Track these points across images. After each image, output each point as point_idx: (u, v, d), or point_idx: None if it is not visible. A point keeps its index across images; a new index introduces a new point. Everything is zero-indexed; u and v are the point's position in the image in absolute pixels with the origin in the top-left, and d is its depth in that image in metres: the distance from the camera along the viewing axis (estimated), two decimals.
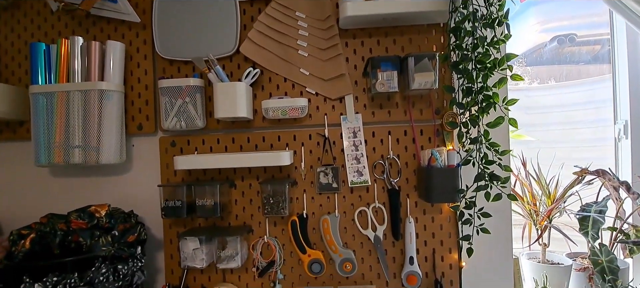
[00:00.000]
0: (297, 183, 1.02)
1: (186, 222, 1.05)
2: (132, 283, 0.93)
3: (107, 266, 0.85)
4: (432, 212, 1.00)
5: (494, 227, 0.93)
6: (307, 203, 1.02)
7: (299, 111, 0.97)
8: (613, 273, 1.13)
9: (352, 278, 1.03)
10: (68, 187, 1.09)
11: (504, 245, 1.01)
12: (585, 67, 2.32)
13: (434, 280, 1.00)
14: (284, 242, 1.03)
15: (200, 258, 0.96)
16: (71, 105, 0.98)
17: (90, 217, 0.87)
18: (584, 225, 1.20)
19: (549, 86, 2.30)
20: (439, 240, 1.00)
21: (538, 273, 1.20)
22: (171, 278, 1.06)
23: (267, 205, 0.95)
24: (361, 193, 1.01)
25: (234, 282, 1.05)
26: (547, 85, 2.32)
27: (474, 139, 0.87)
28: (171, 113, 0.98)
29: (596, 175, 1.26)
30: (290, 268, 1.04)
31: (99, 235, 0.85)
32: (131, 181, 1.08)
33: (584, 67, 2.31)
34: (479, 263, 1.01)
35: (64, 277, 0.80)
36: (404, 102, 0.99)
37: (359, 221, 1.01)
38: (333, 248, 1.00)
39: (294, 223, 1.00)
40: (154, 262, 1.09)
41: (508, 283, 1.02)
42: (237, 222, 1.05)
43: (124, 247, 0.88)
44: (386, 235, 1.01)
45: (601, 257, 1.16)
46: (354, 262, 1.00)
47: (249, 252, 1.03)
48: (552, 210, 1.22)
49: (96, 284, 0.83)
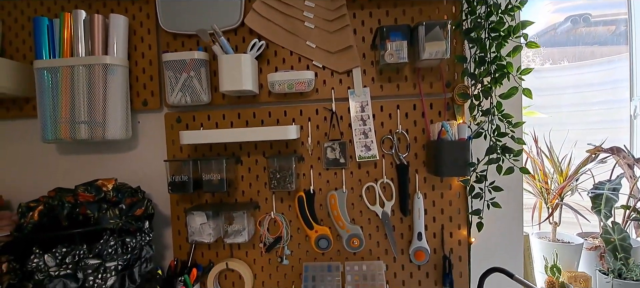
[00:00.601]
0: (304, 159, 1.01)
1: (193, 198, 1.05)
2: (140, 257, 0.93)
3: (115, 239, 0.85)
4: (441, 187, 0.98)
5: (505, 203, 0.92)
6: (314, 179, 1.01)
7: (306, 85, 0.95)
8: (625, 252, 1.11)
9: (360, 254, 1.02)
10: (75, 164, 1.09)
11: (514, 221, 0.99)
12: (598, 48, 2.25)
13: (443, 256, 0.99)
14: (290, 218, 1.03)
15: (207, 233, 0.96)
16: (76, 80, 0.97)
17: (98, 191, 0.87)
18: (596, 204, 1.18)
19: (561, 67, 2.24)
20: (448, 216, 0.99)
21: (548, 251, 1.18)
22: (179, 254, 1.07)
23: (273, 180, 0.94)
24: (369, 169, 1.00)
25: (241, 258, 1.05)
26: (560, 65, 2.25)
27: (486, 111, 0.84)
28: (176, 88, 0.97)
29: (610, 153, 1.23)
30: (297, 244, 1.04)
31: (107, 208, 0.85)
32: (137, 157, 1.08)
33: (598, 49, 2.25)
34: (488, 239, 0.99)
35: (73, 249, 0.81)
36: (413, 75, 0.97)
37: (367, 197, 0.99)
38: (340, 224, 0.99)
39: (301, 199, 0.99)
40: (162, 238, 1.10)
41: (518, 260, 1.01)
42: (244, 198, 1.04)
43: (131, 221, 0.88)
44: (394, 211, 1.00)
45: (613, 235, 1.13)
46: (361, 238, 0.99)
47: (256, 227, 1.03)
48: (565, 187, 1.19)
49: (105, 256, 0.84)
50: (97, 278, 0.83)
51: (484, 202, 0.87)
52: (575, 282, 1.14)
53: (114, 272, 0.85)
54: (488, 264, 0.91)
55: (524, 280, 0.73)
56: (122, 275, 0.88)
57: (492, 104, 0.84)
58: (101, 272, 0.83)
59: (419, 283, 1.01)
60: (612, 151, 1.22)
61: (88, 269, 0.82)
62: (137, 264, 0.92)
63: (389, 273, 1.02)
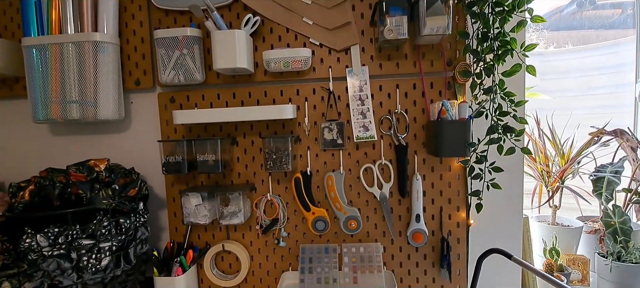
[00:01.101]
0: (300, 140, 0.99)
1: (188, 180, 1.03)
2: (135, 238, 0.92)
3: (109, 219, 0.84)
4: (440, 169, 0.97)
5: (505, 185, 0.90)
6: (311, 160, 0.99)
7: (302, 63, 0.92)
8: (625, 235, 1.10)
9: (357, 236, 1.01)
10: (68, 145, 1.08)
11: (514, 203, 0.98)
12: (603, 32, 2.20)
13: (441, 238, 0.98)
14: (287, 200, 1.02)
15: (202, 214, 0.95)
16: (65, 58, 0.95)
17: (90, 171, 0.85)
18: (597, 187, 1.16)
19: (566, 50, 2.19)
20: (446, 198, 0.97)
21: (547, 235, 1.17)
22: (175, 236, 1.06)
23: (269, 160, 0.92)
24: (367, 150, 0.98)
25: (237, 240, 1.05)
26: (564, 49, 2.21)
27: (488, 89, 0.82)
28: (168, 66, 0.94)
29: (614, 136, 1.21)
30: (294, 226, 1.02)
31: (99, 189, 0.83)
32: (131, 138, 1.06)
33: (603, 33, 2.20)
34: (487, 221, 0.98)
35: (65, 229, 0.80)
36: (413, 52, 0.93)
37: (365, 178, 0.98)
38: (338, 206, 0.98)
39: (298, 180, 0.98)
40: (158, 221, 1.09)
41: (517, 242, 1.00)
42: (240, 180, 1.03)
43: (124, 201, 0.87)
44: (392, 193, 0.98)
45: (614, 219, 1.12)
46: (359, 220, 0.98)
47: (253, 209, 1.02)
48: (566, 170, 1.17)
49: (98, 236, 0.83)
50: (91, 258, 0.82)
51: (483, 183, 0.85)
52: (573, 265, 1.14)
53: (108, 252, 0.84)
54: (486, 246, 0.90)
55: (522, 261, 0.72)
56: (117, 256, 0.87)
57: (494, 82, 0.81)
58: (95, 252, 0.83)
59: (417, 265, 1.00)
60: (616, 133, 1.20)
61: (82, 249, 0.81)
62: (132, 245, 0.91)
63: (387, 255, 1.01)
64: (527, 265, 0.71)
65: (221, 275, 1.05)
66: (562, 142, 1.23)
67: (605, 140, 1.23)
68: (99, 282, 0.85)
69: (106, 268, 0.85)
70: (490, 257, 0.85)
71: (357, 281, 0.94)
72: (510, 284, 1.01)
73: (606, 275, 1.09)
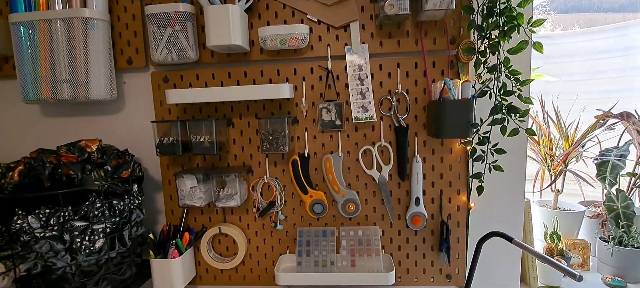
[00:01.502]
0: (298, 121, 0.96)
1: (184, 162, 1.01)
2: (130, 220, 0.91)
3: (102, 201, 0.82)
4: (441, 151, 0.94)
5: (507, 168, 0.87)
6: (308, 142, 0.97)
7: (300, 40, 0.88)
8: (628, 219, 1.08)
9: (355, 219, 1.00)
10: (60, 126, 1.05)
11: (516, 187, 0.96)
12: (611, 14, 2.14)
13: (440, 221, 0.96)
14: (284, 182, 1.00)
15: (198, 196, 0.93)
16: (54, 36, 0.91)
17: (81, 151, 0.83)
18: (601, 171, 1.14)
19: (573, 33, 2.13)
20: (447, 181, 0.95)
21: (548, 219, 1.15)
22: (172, 219, 1.05)
23: (265, 141, 0.90)
24: (366, 132, 0.95)
25: (234, 223, 1.03)
26: (571, 31, 2.15)
27: (492, 67, 0.78)
28: (160, 44, 0.91)
29: (620, 119, 1.18)
30: (291, 209, 1.01)
31: (91, 169, 0.81)
32: (124, 120, 1.03)
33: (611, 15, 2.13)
34: (487, 205, 0.96)
35: (57, 210, 0.78)
36: (415, 30, 0.90)
37: (364, 161, 0.95)
38: (336, 188, 0.96)
39: (295, 162, 0.95)
40: (154, 203, 1.07)
41: (518, 226, 0.98)
42: (236, 162, 1.00)
43: (117, 183, 0.85)
44: (392, 176, 0.96)
45: (617, 203, 1.10)
46: (357, 203, 0.96)
47: (249, 192, 1.00)
48: (570, 153, 1.15)
49: (91, 218, 0.81)
50: (84, 240, 0.81)
51: (485, 165, 0.83)
52: (574, 249, 1.13)
53: (102, 234, 0.83)
54: (486, 230, 0.88)
55: (523, 243, 0.71)
56: (111, 238, 0.86)
57: (499, 60, 0.77)
58: (88, 234, 0.81)
59: (415, 249, 0.99)
60: (622, 116, 1.17)
61: (74, 231, 0.80)
62: (127, 227, 0.90)
63: (385, 238, 1.00)
64: (528, 248, 0.69)
65: (218, 258, 1.05)
66: (566, 125, 1.20)
67: (611, 124, 1.20)
68: (93, 264, 0.84)
69: (100, 250, 0.84)
70: (490, 241, 0.83)
71: (355, 264, 0.93)
72: (509, 269, 1.00)
73: (607, 259, 1.08)
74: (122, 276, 0.91)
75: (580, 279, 0.56)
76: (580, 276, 0.56)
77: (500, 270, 1.01)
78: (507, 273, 1.01)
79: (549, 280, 1.05)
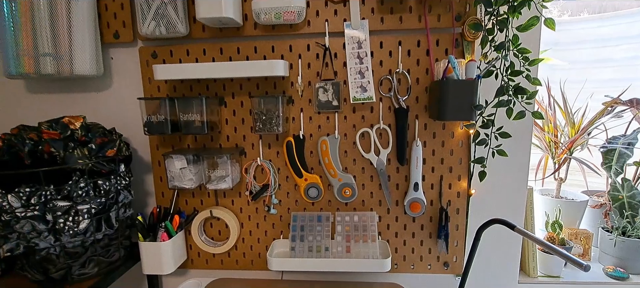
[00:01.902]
0: (293, 101, 0.92)
1: (174, 143, 0.97)
2: (117, 201, 0.88)
3: (86, 180, 0.79)
4: (442, 135, 0.90)
5: (511, 153, 0.84)
6: (304, 123, 0.92)
7: (296, 14, 0.83)
8: (633, 209, 1.05)
9: (352, 204, 0.96)
10: (44, 103, 1.01)
11: (519, 173, 0.92)
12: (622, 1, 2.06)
13: (440, 208, 0.93)
14: (279, 165, 0.96)
15: (188, 178, 0.89)
16: (36, 7, 0.86)
17: (64, 128, 0.79)
18: (607, 159, 1.10)
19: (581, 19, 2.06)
20: (448, 166, 0.91)
21: (550, 208, 1.12)
22: (162, 201, 1.01)
23: (258, 121, 0.85)
24: (365, 113, 0.91)
25: (227, 206, 1.00)
26: (580, 17, 2.08)
27: (500, 46, 0.74)
28: (148, 16, 0.86)
29: (629, 105, 1.13)
30: (286, 193, 0.97)
31: (74, 147, 0.77)
32: (112, 97, 0.99)
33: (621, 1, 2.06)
34: (489, 192, 0.93)
35: (38, 189, 0.74)
36: (418, 5, 0.84)
37: (361, 144, 0.91)
38: (332, 172, 0.92)
39: (290, 144, 0.91)
40: (144, 185, 1.04)
41: (519, 214, 0.95)
42: (229, 143, 0.96)
43: (102, 162, 0.81)
44: (390, 160, 0.92)
45: (622, 193, 1.07)
46: (354, 188, 0.93)
47: (242, 175, 0.96)
48: (576, 140, 1.11)
49: (75, 198, 0.77)
50: (67, 221, 0.77)
51: (488, 150, 0.79)
52: (575, 239, 1.10)
53: (87, 215, 0.80)
54: (487, 217, 0.85)
55: (525, 231, 0.67)
56: (97, 219, 0.83)
57: (508, 37, 0.72)
58: (72, 215, 0.78)
59: (413, 236, 0.96)
60: (631, 103, 1.12)
61: (57, 211, 0.76)
62: (114, 208, 0.87)
63: (382, 224, 0.96)
64: (532, 236, 0.66)
65: (210, 242, 1.02)
66: (573, 112, 1.16)
67: (619, 111, 1.15)
68: (79, 246, 0.81)
69: (86, 231, 0.80)
70: (490, 229, 0.80)
71: (350, 250, 0.90)
72: (509, 258, 0.98)
73: (609, 249, 1.05)
74: (109, 258, 0.88)
75: (587, 269, 0.52)
76: (587, 265, 0.53)
77: (499, 260, 0.98)
78: (507, 263, 0.98)
79: (549, 270, 1.03)
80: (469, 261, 0.87)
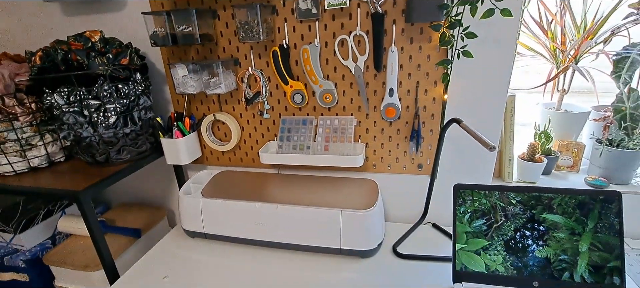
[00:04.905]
0: (277, 11, 0.97)
1: (181, 56, 1.11)
2: (138, 104, 1.07)
3: (109, 84, 0.97)
4: (420, 40, 0.91)
5: (493, 59, 0.83)
6: (288, 33, 0.99)
7: None
8: (634, 121, 1.00)
9: (334, 110, 1.05)
10: (75, 23, 1.18)
11: (500, 80, 0.92)
12: None
13: (415, 113, 0.98)
14: (269, 75, 1.06)
15: (190, 84, 1.04)
16: None
17: (86, 40, 0.95)
18: (618, 68, 1.02)
19: None
20: (424, 71, 0.94)
21: (553, 120, 1.10)
22: (177, 107, 1.20)
23: (241, 30, 0.94)
24: (343, 21, 0.94)
25: (228, 112, 1.15)
26: None
27: None
28: None
29: None
30: (276, 100, 1.09)
31: (95, 56, 0.94)
32: (128, 16, 1.12)
33: None
34: (466, 97, 0.95)
35: (73, 89, 0.94)
36: None
37: (340, 52, 0.97)
38: (313, 79, 1.00)
39: (275, 53, 1.00)
40: (163, 94, 1.22)
41: (496, 122, 0.97)
42: (225, 54, 1.07)
43: (119, 68, 0.98)
44: (368, 67, 0.97)
45: (626, 104, 1.01)
46: (334, 93, 1.01)
47: (238, 83, 1.09)
48: (582, 44, 1.02)
49: (102, 98, 0.97)
50: (100, 116, 0.98)
51: (454, 51, 0.80)
52: (566, 151, 1.09)
53: (113, 112, 1.00)
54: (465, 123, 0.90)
55: (469, 128, 0.72)
56: (124, 117, 1.03)
57: None
58: (103, 111, 0.98)
59: (390, 139, 1.04)
60: None
61: (91, 108, 0.97)
62: (136, 110, 1.06)
63: (362, 128, 1.05)
64: (471, 131, 0.71)
65: (217, 142, 1.21)
66: (587, 16, 1.05)
67: None
68: (112, 136, 1.03)
69: (115, 125, 1.02)
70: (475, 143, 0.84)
71: (328, 149, 1.02)
72: (484, 164, 1.02)
73: (596, 160, 1.04)
74: (138, 149, 1.11)
75: (492, 149, 0.58)
76: (492, 146, 0.58)
77: (476, 165, 1.03)
78: (482, 167, 1.03)
79: (525, 177, 1.06)
80: (436, 159, 0.95)
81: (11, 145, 1.03)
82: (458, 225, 0.84)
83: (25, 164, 1.07)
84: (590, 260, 0.80)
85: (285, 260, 0.98)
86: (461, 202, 0.84)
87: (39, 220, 1.27)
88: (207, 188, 1.08)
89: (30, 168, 1.09)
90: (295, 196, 0.99)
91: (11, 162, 1.05)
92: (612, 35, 1.05)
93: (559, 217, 0.81)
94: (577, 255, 0.80)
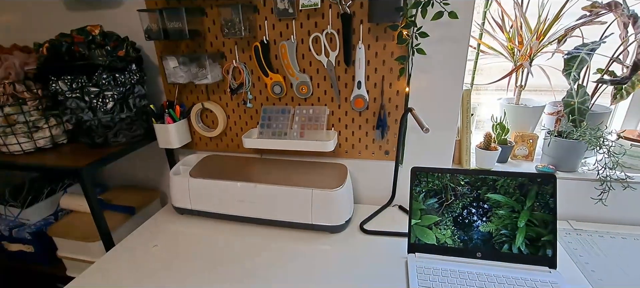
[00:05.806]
0: (258, 10, 1.08)
1: (173, 50, 1.22)
2: (133, 92, 1.18)
3: (107, 73, 1.08)
4: (384, 38, 1.02)
5: (449, 56, 0.94)
6: (268, 30, 1.10)
7: None
8: (581, 114, 1.10)
9: (310, 100, 1.16)
10: (78, 19, 1.29)
11: (455, 75, 1.02)
12: None
13: (381, 104, 1.09)
14: (252, 67, 1.17)
15: (180, 75, 1.15)
16: None
17: (87, 34, 1.07)
18: (569, 66, 1.12)
19: None
20: (389, 67, 1.05)
21: (510, 114, 1.21)
22: (169, 96, 1.31)
23: (225, 27, 1.05)
24: (317, 20, 1.05)
25: (215, 101, 1.27)
26: None
27: None
28: None
29: (608, 9, 1.09)
30: (258, 91, 1.20)
31: (95, 48, 1.05)
32: (126, 12, 1.23)
33: None
34: (428, 92, 1.05)
35: (75, 78, 1.06)
36: None
37: (314, 48, 1.07)
38: (290, 72, 1.11)
39: (257, 48, 1.11)
40: (157, 85, 1.33)
41: (454, 113, 1.07)
42: (212, 48, 1.18)
43: (116, 60, 1.09)
44: (339, 62, 1.08)
45: (575, 99, 1.11)
46: (309, 85, 1.12)
47: (223, 75, 1.20)
48: (533, 45, 1.13)
49: (101, 85, 1.08)
50: (99, 102, 1.10)
51: (410, 48, 0.91)
52: (522, 141, 1.20)
53: (111, 99, 1.11)
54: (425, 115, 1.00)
55: (416, 115, 0.82)
56: (120, 103, 1.15)
57: None
58: (102, 97, 1.10)
59: (359, 127, 1.15)
60: (610, 6, 1.08)
61: (91, 94, 1.08)
62: (131, 97, 1.18)
63: (335, 118, 1.16)
64: (417, 117, 0.82)
65: (205, 128, 1.32)
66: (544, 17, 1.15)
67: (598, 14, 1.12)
68: (110, 121, 1.15)
69: (113, 110, 1.13)
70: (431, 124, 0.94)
71: (303, 135, 1.13)
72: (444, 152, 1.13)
73: (546, 149, 1.14)
74: (133, 133, 1.22)
75: (426, 131, 0.68)
76: (427, 128, 0.68)
77: (436, 153, 1.14)
78: (441, 156, 1.14)
79: (482, 164, 1.17)
80: (398, 146, 1.06)
81: (20, 126, 1.15)
82: (414, 203, 0.95)
83: (31, 144, 1.19)
84: (526, 234, 0.91)
85: (263, 234, 1.10)
86: (417, 182, 0.94)
87: (43, 197, 1.40)
88: (195, 170, 1.19)
89: (36, 149, 1.21)
90: (273, 177, 1.10)
91: (20, 141, 1.16)
92: (566, 36, 1.16)
93: (501, 196, 0.92)
94: (516, 230, 0.91)
